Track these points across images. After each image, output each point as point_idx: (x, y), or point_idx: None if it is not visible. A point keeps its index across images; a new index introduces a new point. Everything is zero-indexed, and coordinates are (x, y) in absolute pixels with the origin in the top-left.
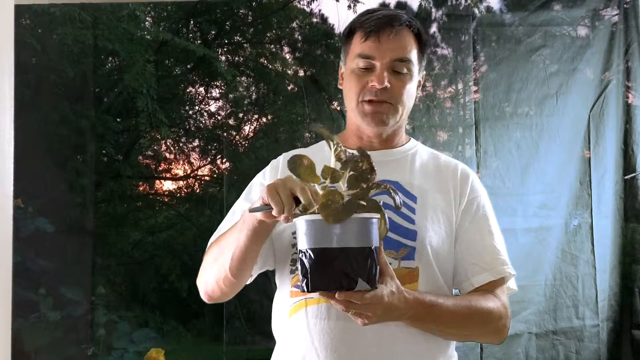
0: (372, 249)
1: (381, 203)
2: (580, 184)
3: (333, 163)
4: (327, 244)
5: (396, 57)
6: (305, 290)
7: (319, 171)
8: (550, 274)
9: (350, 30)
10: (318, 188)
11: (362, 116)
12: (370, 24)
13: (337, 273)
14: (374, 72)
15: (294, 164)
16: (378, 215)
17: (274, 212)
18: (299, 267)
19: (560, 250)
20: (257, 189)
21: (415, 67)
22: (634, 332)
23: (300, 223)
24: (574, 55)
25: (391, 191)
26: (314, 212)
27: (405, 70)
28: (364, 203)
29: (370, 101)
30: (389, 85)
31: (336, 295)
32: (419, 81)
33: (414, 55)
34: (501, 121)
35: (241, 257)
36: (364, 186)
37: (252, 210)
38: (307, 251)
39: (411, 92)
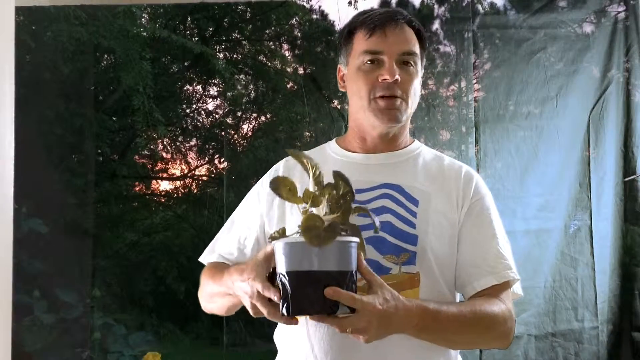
0: (353, 272)
1: (378, 224)
2: (580, 186)
3: (312, 187)
4: (308, 267)
5: (403, 50)
6: (286, 314)
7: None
8: (549, 276)
9: (350, 31)
10: (299, 210)
11: (376, 113)
12: (374, 20)
13: (319, 296)
14: (383, 67)
15: (276, 185)
16: (358, 240)
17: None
18: (280, 291)
19: (560, 252)
20: (253, 200)
21: (419, 62)
22: (633, 335)
23: (279, 246)
24: (575, 56)
25: (370, 214)
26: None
27: (412, 63)
28: (345, 227)
29: (383, 97)
30: (399, 78)
31: (319, 319)
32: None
33: (417, 50)
34: (501, 123)
35: (231, 307)
36: (344, 210)
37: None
38: (286, 275)
39: (417, 90)
